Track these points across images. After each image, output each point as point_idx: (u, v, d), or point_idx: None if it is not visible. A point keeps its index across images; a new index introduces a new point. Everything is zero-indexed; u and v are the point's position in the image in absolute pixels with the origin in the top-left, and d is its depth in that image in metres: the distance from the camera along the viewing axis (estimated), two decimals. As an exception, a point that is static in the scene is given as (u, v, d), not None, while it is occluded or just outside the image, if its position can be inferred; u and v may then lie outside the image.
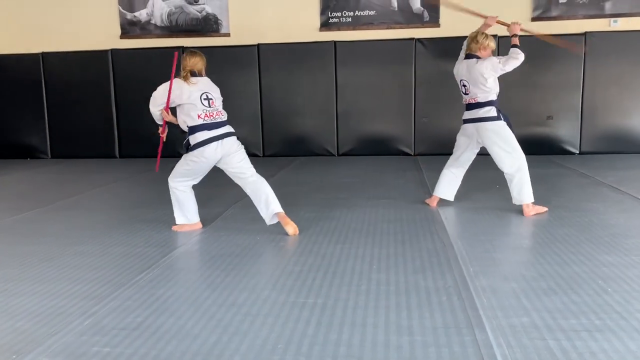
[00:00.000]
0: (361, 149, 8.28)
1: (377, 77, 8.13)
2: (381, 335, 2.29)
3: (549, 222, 4.13)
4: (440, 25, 8.01)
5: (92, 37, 8.62)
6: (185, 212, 4.06)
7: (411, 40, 8.01)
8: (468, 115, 4.38)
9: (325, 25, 8.25)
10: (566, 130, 7.88)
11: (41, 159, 8.90)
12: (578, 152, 7.96)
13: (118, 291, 2.87)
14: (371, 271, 3.10)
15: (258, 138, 8.39)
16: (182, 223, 4.09)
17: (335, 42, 8.14)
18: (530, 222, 4.15)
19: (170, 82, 3.79)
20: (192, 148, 3.83)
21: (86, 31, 8.65)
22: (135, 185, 6.32)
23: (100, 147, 8.74)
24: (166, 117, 3.88)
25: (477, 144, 4.43)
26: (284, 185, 5.76)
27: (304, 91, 8.26)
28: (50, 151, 8.95)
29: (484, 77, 4.20)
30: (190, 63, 3.85)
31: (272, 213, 3.87)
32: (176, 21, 8.52)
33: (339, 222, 4.27)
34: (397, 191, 5.48)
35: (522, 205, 4.32)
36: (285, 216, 3.91)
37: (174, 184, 4.00)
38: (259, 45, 8.26)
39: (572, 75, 7.81)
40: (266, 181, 3.96)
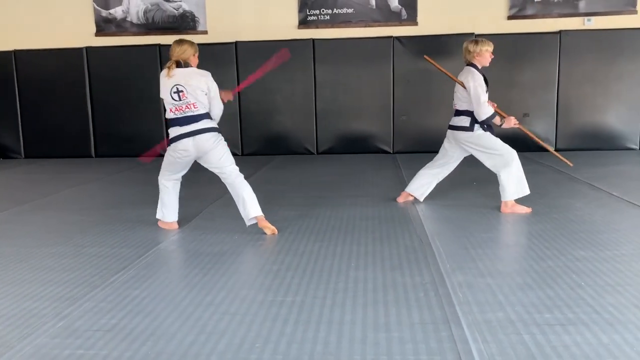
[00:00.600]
0: (340, 147, 8.29)
1: (356, 75, 8.14)
2: (358, 332, 2.30)
3: (525, 218, 4.18)
4: (418, 24, 8.05)
5: (66, 34, 8.47)
6: (162, 208, 4.06)
7: (389, 38, 8.04)
8: (450, 121, 4.44)
9: (304, 23, 8.23)
10: (542, 127, 7.99)
11: (14, 158, 8.73)
12: (554, 149, 8.06)
13: (92, 292, 2.83)
14: (349, 269, 3.11)
15: (237, 136, 8.34)
16: (158, 218, 4.09)
17: (314, 40, 8.13)
18: (506, 219, 4.19)
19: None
20: (169, 142, 3.84)
21: (60, 28, 8.50)
22: (111, 185, 6.23)
23: (76, 147, 8.60)
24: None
25: (461, 150, 4.45)
26: (262, 184, 5.74)
27: (283, 89, 8.24)
28: (23, 151, 8.78)
29: (465, 87, 4.23)
30: (175, 53, 3.74)
31: (251, 216, 3.84)
32: (152, 18, 8.41)
33: (317, 220, 4.27)
34: (375, 189, 5.50)
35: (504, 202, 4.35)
36: (264, 219, 3.87)
37: (159, 177, 4.04)
38: (236, 43, 8.21)
39: (548, 74, 7.93)
40: (246, 181, 3.91)
